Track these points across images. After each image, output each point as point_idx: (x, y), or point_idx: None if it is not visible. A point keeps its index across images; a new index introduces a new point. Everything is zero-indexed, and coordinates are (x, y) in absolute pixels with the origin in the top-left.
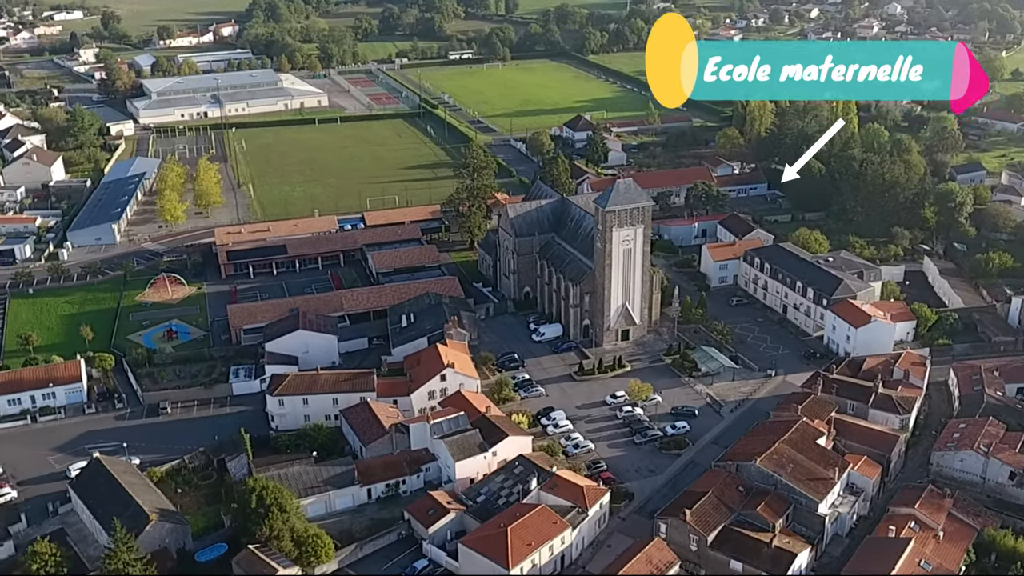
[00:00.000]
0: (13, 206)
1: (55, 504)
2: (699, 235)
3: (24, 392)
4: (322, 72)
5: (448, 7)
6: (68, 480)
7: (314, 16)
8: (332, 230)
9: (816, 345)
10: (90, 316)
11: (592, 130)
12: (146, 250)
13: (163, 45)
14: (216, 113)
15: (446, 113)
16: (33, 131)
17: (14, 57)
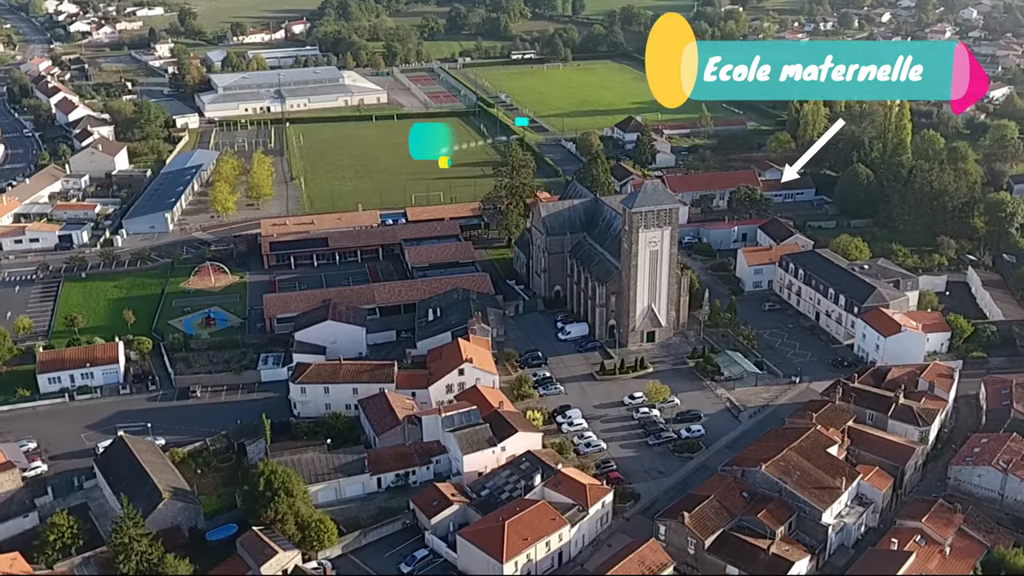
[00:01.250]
0: (76, 194)
1: (80, 479)
2: (739, 239)
3: (64, 371)
4: (385, 70)
5: (515, 7)
6: (94, 457)
7: (384, 15)
8: (374, 224)
9: (846, 353)
10: (136, 301)
11: (641, 131)
12: (196, 239)
13: (236, 41)
14: (278, 108)
15: (501, 112)
16: (103, 122)
17: (95, 51)
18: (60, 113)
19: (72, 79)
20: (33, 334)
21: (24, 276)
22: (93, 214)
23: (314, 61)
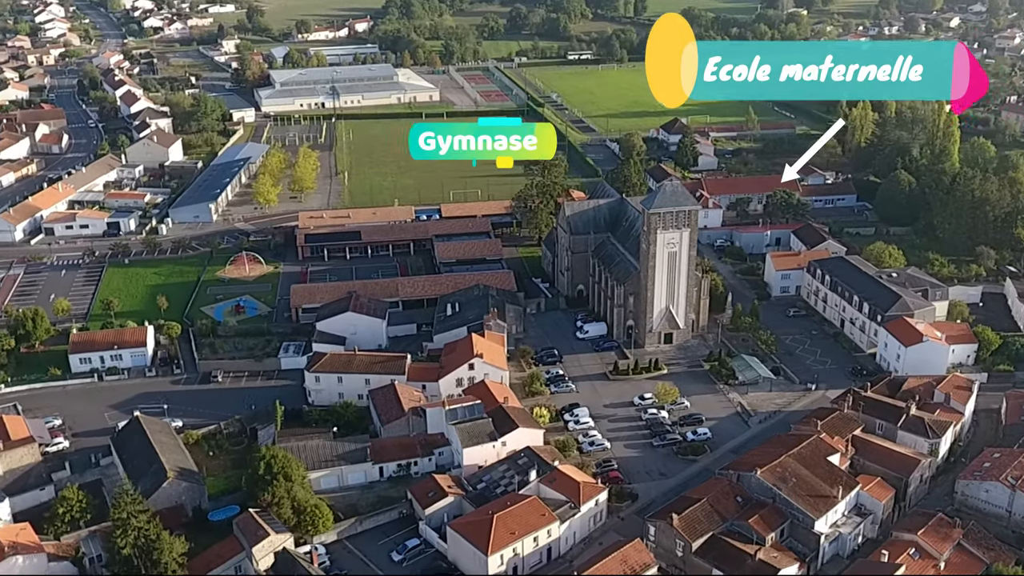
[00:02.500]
0: (130, 183)
1: (97, 456)
2: (772, 243)
3: (95, 352)
4: (441, 68)
5: (576, 8)
6: (111, 435)
7: (447, 14)
8: (408, 219)
9: (867, 362)
10: (173, 287)
11: (684, 134)
12: (237, 229)
13: (300, 39)
14: (333, 104)
15: (551, 111)
16: (162, 115)
17: (165, 46)
18: (124, 105)
19: (140, 73)
20: (71, 316)
21: (71, 260)
22: (142, 203)
23: (372, 59)
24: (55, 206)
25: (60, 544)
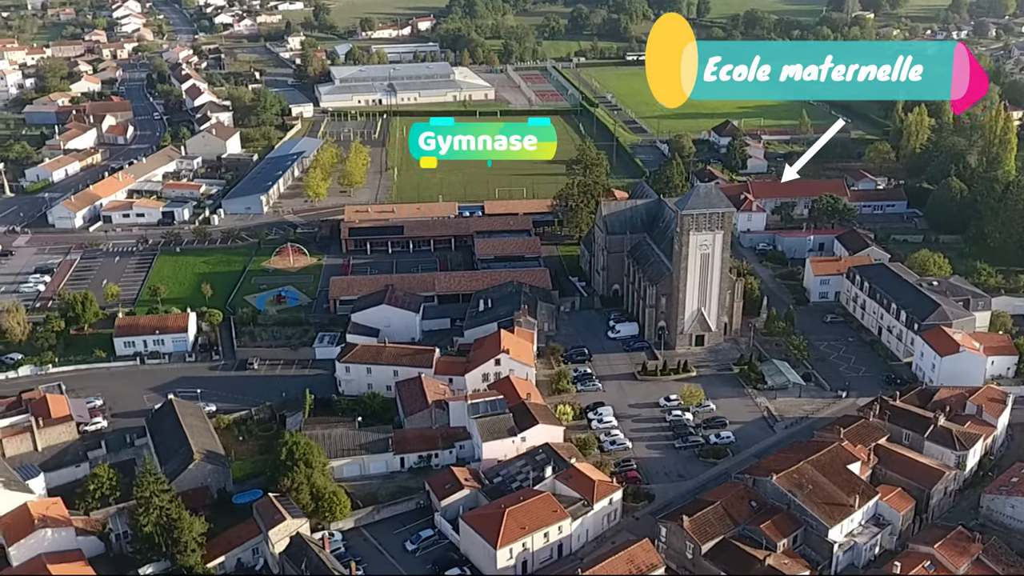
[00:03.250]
0: (188, 174)
1: (132, 437)
2: (815, 248)
3: (139, 336)
4: (499, 67)
5: (638, 9)
6: (146, 417)
7: (510, 14)
8: (451, 216)
9: (903, 371)
10: (219, 276)
11: (733, 136)
12: (286, 221)
13: (364, 36)
14: (390, 101)
15: (604, 111)
16: (223, 108)
17: (234, 42)
18: (188, 99)
19: (208, 68)
20: (119, 301)
21: (126, 248)
22: (197, 193)
23: (431, 56)
24: (114, 195)
25: (89, 520)
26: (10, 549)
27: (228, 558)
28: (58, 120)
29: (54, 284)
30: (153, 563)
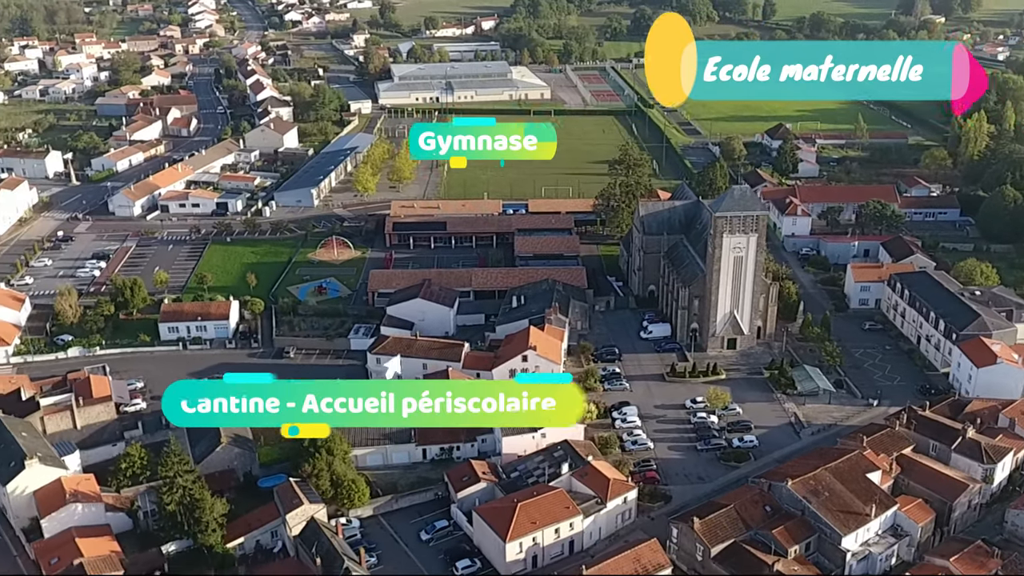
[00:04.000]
0: (244, 167)
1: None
2: (859, 254)
3: (182, 322)
4: (558, 67)
5: (702, 11)
6: None
7: (575, 14)
8: (495, 213)
9: (939, 381)
10: (266, 266)
11: (784, 139)
12: (334, 215)
13: (428, 35)
14: (447, 99)
15: (658, 112)
16: (284, 103)
17: (301, 39)
18: (252, 93)
19: (274, 63)
20: (168, 288)
21: (179, 237)
22: (252, 186)
23: (491, 56)
24: (173, 185)
25: (119, 497)
26: (42, 521)
27: (247, 539)
28: (127, 112)
29: (109, 270)
30: (176, 541)
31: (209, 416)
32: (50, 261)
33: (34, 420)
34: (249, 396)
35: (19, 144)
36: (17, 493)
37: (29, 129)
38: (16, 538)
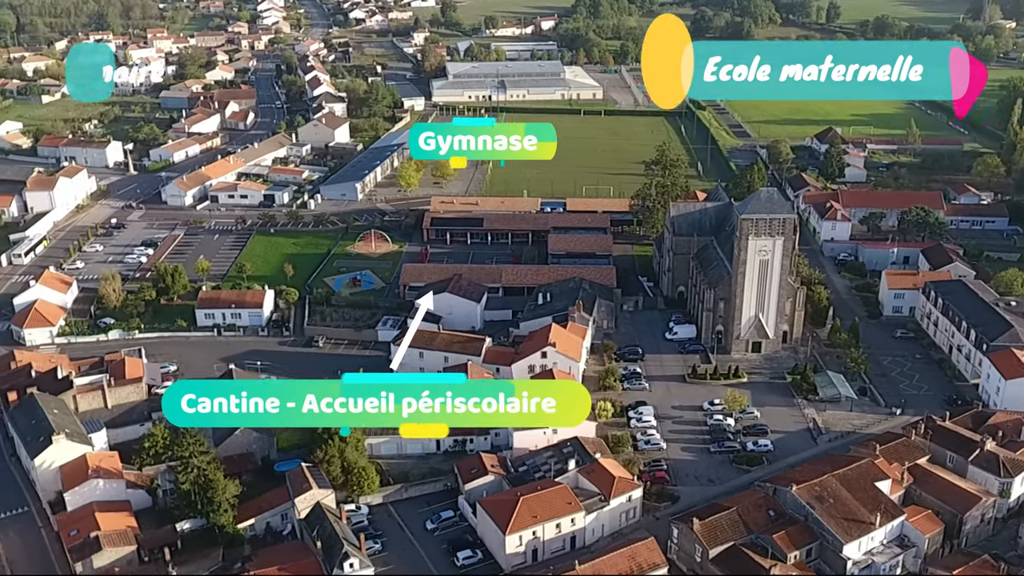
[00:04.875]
0: (295, 160)
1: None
2: (898, 261)
3: (218, 309)
4: (613, 67)
5: (764, 13)
6: None
7: (636, 15)
8: (533, 210)
9: (969, 392)
10: (305, 257)
11: (831, 144)
12: (377, 209)
13: (488, 34)
14: (499, 97)
15: (710, 114)
16: (338, 99)
17: (364, 37)
18: (309, 89)
19: (335, 60)
20: (209, 275)
21: (226, 226)
22: (300, 179)
23: (547, 55)
24: (224, 176)
25: (140, 474)
26: (66, 495)
27: (258, 521)
28: (188, 105)
29: (155, 257)
30: (190, 519)
31: (209, 416)
32: (101, 247)
33: (67, 398)
34: (249, 396)
35: (84, 134)
36: (44, 467)
37: (95, 120)
38: (43, 510)
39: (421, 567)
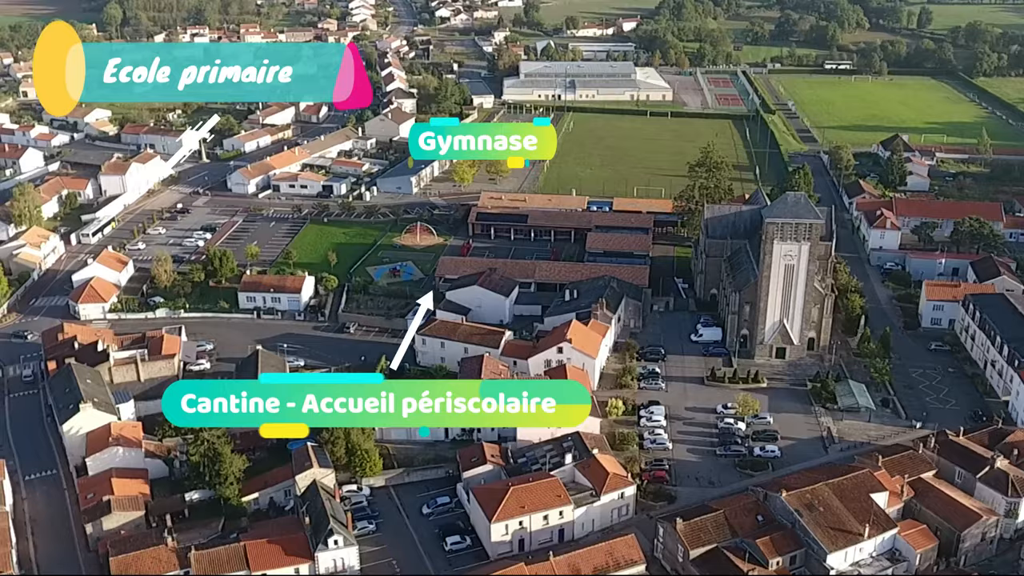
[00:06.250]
0: (358, 153)
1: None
2: (946, 272)
3: (259, 293)
4: (688, 70)
5: (851, 17)
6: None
7: (721, 17)
8: (580, 209)
9: (998, 409)
10: (353, 247)
11: (893, 151)
12: (429, 203)
13: (568, 34)
14: (569, 96)
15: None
16: (409, 95)
17: (447, 35)
18: (383, 85)
19: (414, 57)
20: (256, 261)
21: (282, 215)
22: (360, 171)
23: (623, 56)
24: (288, 167)
25: (160, 445)
26: (87, 460)
27: (262, 495)
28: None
29: (212, 241)
30: (199, 490)
31: (209, 416)
32: (164, 230)
33: (103, 370)
34: (249, 396)
35: (167, 123)
36: (72, 433)
37: (179, 110)
38: (69, 474)
39: (411, 549)
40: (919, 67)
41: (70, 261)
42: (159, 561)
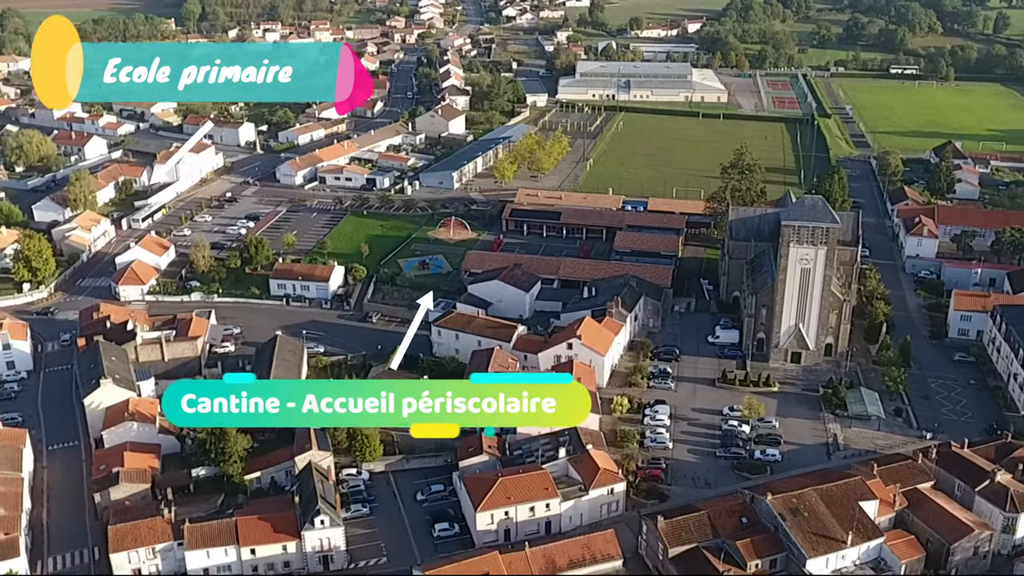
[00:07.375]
0: (407, 148)
1: (245, 362)
2: (984, 283)
3: (289, 280)
4: (747, 72)
5: (923, 21)
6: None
7: (791, 19)
8: (615, 208)
9: (1018, 423)
10: (387, 239)
11: (942, 158)
12: (468, 198)
13: (632, 35)
14: (623, 97)
15: (834, 123)
16: (463, 92)
17: (511, 34)
18: (440, 81)
19: (478, 55)
20: (292, 249)
21: (325, 206)
22: (404, 166)
23: (682, 57)
24: (336, 160)
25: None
26: (104, 433)
27: (264, 474)
28: None
29: (255, 230)
30: (206, 467)
31: (209, 416)
32: (211, 218)
33: (129, 348)
34: (249, 396)
35: (228, 115)
36: (93, 407)
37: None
38: (89, 446)
39: (401, 534)
40: (989, 73)
41: (119, 245)
42: (154, 531)
